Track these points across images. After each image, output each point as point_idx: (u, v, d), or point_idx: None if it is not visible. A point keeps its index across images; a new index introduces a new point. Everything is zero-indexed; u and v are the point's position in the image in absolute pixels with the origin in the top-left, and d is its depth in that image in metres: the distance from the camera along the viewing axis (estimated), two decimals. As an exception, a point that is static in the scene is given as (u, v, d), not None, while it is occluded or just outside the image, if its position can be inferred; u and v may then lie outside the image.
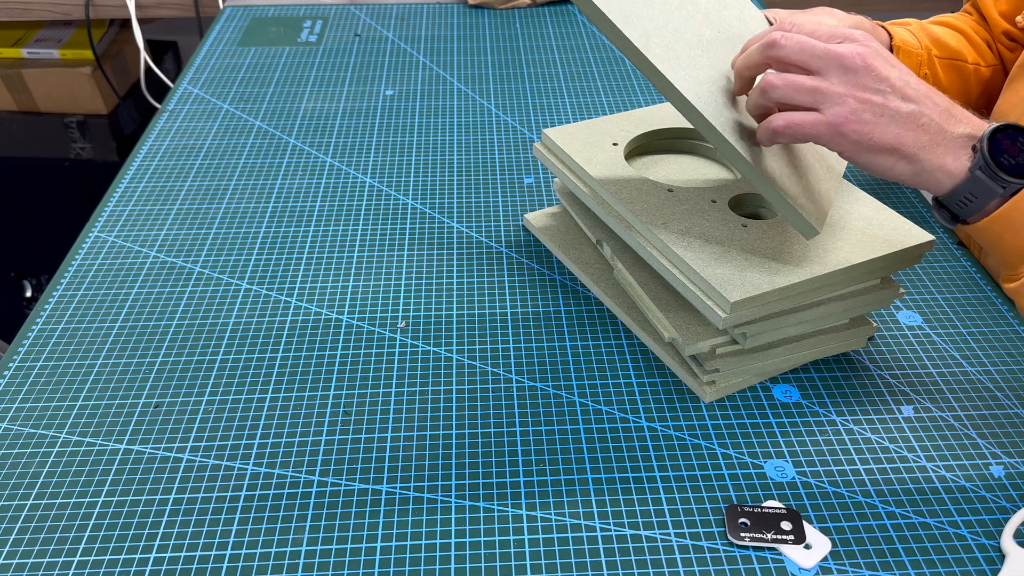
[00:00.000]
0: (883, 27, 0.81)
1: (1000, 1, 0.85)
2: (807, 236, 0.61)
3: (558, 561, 0.55)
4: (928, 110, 0.54)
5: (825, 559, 0.55)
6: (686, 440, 0.63)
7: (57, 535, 0.56)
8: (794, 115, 0.55)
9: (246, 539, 0.56)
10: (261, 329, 0.72)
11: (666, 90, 0.57)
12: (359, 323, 0.73)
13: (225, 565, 0.54)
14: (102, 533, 0.56)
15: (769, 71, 0.57)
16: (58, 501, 0.58)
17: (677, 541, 0.56)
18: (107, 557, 0.55)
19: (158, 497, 0.58)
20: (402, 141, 0.99)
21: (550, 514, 0.58)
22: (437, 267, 0.79)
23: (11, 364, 0.68)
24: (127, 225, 0.84)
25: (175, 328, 0.72)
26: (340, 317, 0.74)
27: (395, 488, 0.59)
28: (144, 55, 1.55)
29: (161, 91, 1.70)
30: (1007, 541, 0.56)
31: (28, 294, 1.75)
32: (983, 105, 0.90)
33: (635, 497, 0.59)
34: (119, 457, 0.61)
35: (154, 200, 0.88)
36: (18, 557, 0.54)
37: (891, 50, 0.80)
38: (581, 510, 0.58)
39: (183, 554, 0.55)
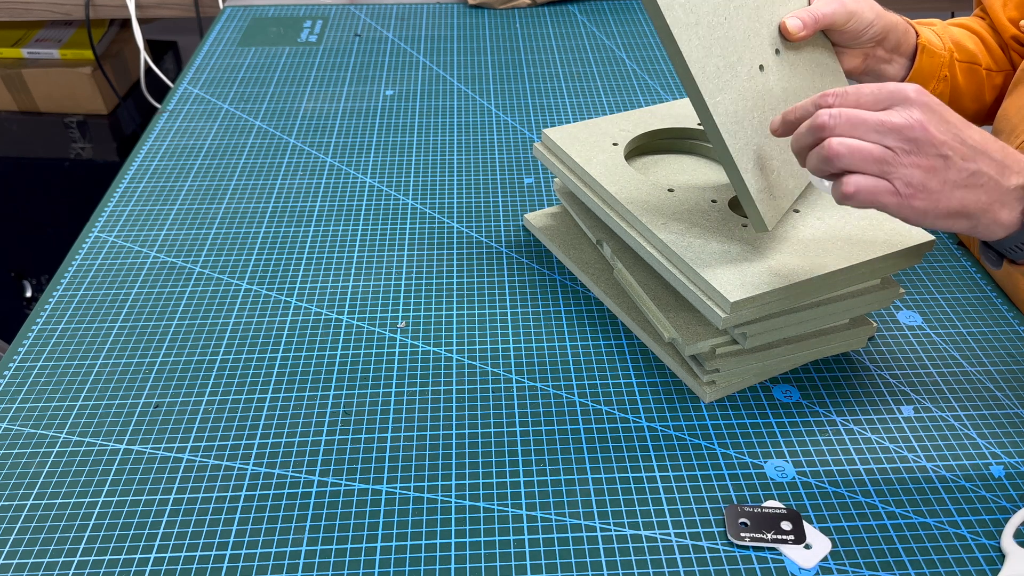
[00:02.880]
0: (910, 24, 0.81)
1: (1009, 7, 0.85)
2: (757, 230, 0.63)
3: (558, 561, 0.55)
4: (985, 167, 0.54)
5: (825, 559, 0.55)
6: (686, 440, 0.63)
7: (57, 535, 0.56)
8: (864, 182, 0.54)
9: (246, 539, 0.56)
10: (261, 329, 0.72)
11: (668, 46, 0.57)
12: (359, 323, 0.73)
13: (225, 565, 0.54)
14: (102, 533, 0.56)
15: (832, 139, 0.55)
16: (58, 501, 0.58)
17: (677, 541, 0.56)
18: (107, 557, 0.55)
19: (158, 497, 0.58)
20: (402, 141, 0.99)
21: (550, 514, 0.58)
22: (437, 267, 0.79)
23: (11, 364, 0.68)
24: (127, 225, 0.84)
25: (175, 328, 0.72)
26: (340, 317, 0.74)
27: (395, 488, 0.59)
28: (144, 55, 1.55)
29: (161, 91, 1.70)
30: (1007, 541, 0.56)
31: (28, 294, 1.75)
32: (996, 110, 0.90)
33: (635, 497, 0.59)
34: (119, 457, 0.61)
35: (154, 200, 0.88)
36: (18, 557, 0.54)
37: (916, 49, 0.80)
38: (581, 510, 0.58)
39: (183, 554, 0.55)
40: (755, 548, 0.56)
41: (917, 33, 0.80)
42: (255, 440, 0.63)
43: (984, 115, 0.88)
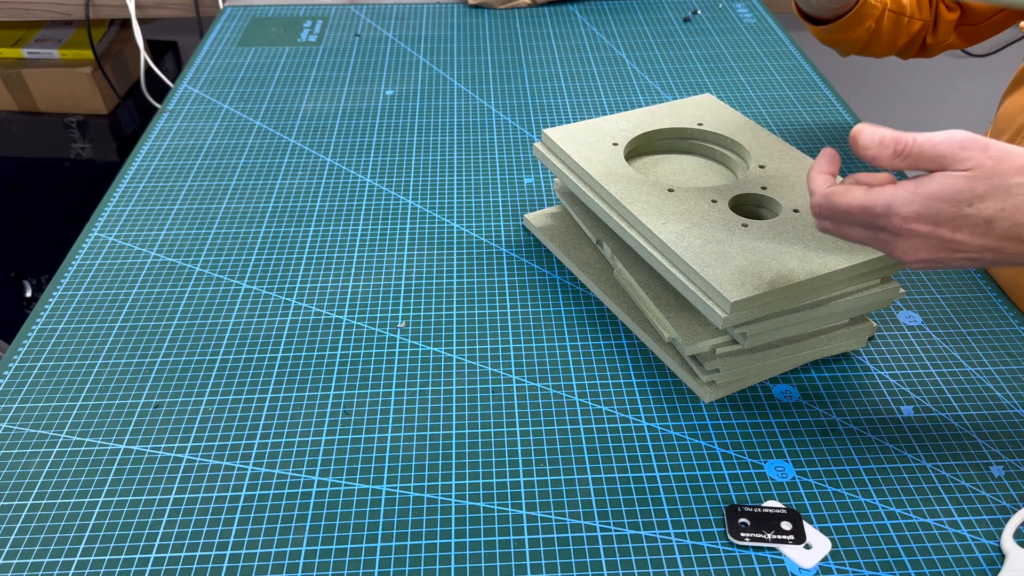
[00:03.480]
0: None
1: None
2: None
3: (558, 561, 0.55)
4: (1012, 248, 0.50)
5: (825, 559, 0.55)
6: (686, 440, 0.63)
7: (57, 535, 0.56)
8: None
9: (246, 539, 0.56)
10: (261, 329, 0.72)
11: None
12: (359, 323, 0.73)
13: (225, 565, 0.54)
14: (102, 533, 0.56)
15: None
16: (58, 501, 0.58)
17: (677, 541, 0.56)
18: (107, 557, 0.55)
19: (158, 497, 0.58)
20: (402, 141, 0.99)
21: (550, 514, 0.58)
22: (437, 267, 0.79)
23: (11, 364, 0.68)
24: (127, 225, 0.84)
25: (175, 328, 0.72)
26: (340, 317, 0.74)
27: (395, 488, 0.60)
28: (144, 55, 1.55)
29: (161, 91, 1.70)
30: (1007, 541, 0.56)
31: (28, 294, 1.75)
32: (909, 53, 0.96)
33: (635, 497, 0.59)
34: (119, 457, 0.61)
35: (154, 200, 0.88)
36: (18, 557, 0.54)
37: (855, 2, 0.86)
38: (581, 510, 0.58)
39: (183, 554, 0.55)
40: (755, 548, 0.56)
41: None
42: (255, 440, 0.63)
43: (892, 53, 0.95)
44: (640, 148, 0.78)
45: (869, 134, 0.51)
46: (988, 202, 0.48)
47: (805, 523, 0.57)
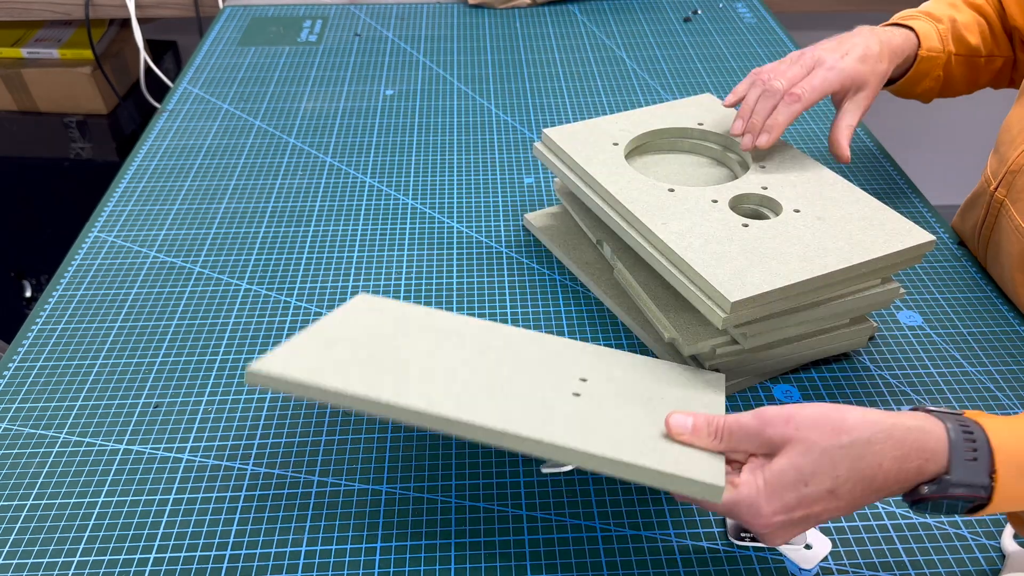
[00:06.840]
0: (913, 31, 0.82)
1: None
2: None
3: (558, 561, 0.55)
4: (869, 500, 0.48)
5: (825, 559, 0.55)
6: (686, 440, 0.63)
7: (57, 535, 0.56)
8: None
9: (246, 539, 0.56)
10: (261, 329, 0.72)
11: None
12: (359, 323, 0.73)
13: (225, 565, 0.54)
14: (102, 533, 0.56)
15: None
16: (58, 501, 0.58)
17: (677, 541, 0.56)
18: (107, 557, 0.55)
19: (158, 497, 0.58)
20: (402, 141, 0.99)
21: (550, 514, 0.58)
22: (437, 267, 0.79)
23: (11, 364, 0.68)
24: (127, 225, 0.84)
25: (175, 328, 0.72)
26: (340, 317, 0.74)
27: (395, 488, 0.59)
28: (144, 55, 1.55)
29: (161, 91, 1.70)
30: (1007, 541, 0.56)
31: (28, 294, 1.75)
32: (999, 86, 0.92)
33: (635, 497, 0.59)
34: (119, 457, 0.61)
35: (154, 200, 0.88)
36: (18, 557, 0.54)
37: (914, 59, 0.82)
38: (581, 510, 0.58)
39: (183, 554, 0.55)
40: (755, 548, 0.56)
41: (919, 40, 0.82)
42: (255, 440, 0.63)
43: (979, 89, 0.91)
44: (640, 148, 0.78)
45: (679, 421, 0.51)
46: (819, 477, 0.47)
47: (805, 523, 0.57)
